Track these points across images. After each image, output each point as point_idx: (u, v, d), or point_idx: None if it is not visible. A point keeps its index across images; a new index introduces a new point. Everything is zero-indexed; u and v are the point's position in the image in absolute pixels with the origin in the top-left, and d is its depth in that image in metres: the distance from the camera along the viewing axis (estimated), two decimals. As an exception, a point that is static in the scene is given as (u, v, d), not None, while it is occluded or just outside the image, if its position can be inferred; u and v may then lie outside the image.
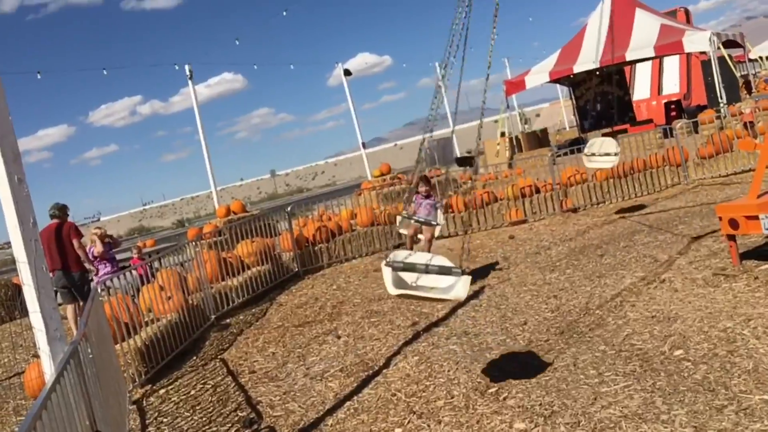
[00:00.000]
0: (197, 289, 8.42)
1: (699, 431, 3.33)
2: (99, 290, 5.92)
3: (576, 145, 17.66)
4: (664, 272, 6.36)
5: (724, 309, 4.98)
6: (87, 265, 8.41)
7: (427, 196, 7.43)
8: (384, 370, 5.40)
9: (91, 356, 3.72)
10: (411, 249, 6.25)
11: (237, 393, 5.62)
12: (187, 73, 20.53)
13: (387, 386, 5.01)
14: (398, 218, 7.64)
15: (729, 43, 20.04)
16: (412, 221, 7.03)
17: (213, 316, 8.31)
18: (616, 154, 9.11)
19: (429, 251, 6.58)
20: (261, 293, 9.35)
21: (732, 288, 5.42)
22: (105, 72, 20.00)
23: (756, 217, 5.59)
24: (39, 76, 18.36)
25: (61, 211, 8.51)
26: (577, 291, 6.53)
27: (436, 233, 7.47)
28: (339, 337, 6.68)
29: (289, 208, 11.10)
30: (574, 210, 11.64)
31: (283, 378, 5.79)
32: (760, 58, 23.12)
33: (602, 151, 9.19)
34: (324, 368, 5.79)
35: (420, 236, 7.31)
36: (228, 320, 8.37)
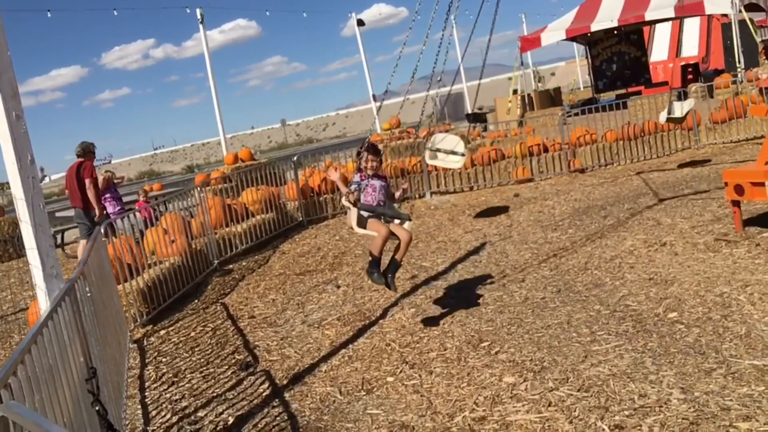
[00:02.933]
0: (201, 234, 8.48)
1: (685, 392, 3.37)
2: (102, 230, 5.96)
3: (589, 104, 17.42)
4: (666, 236, 6.34)
5: (723, 274, 4.97)
6: (94, 205, 8.47)
7: (377, 175, 4.98)
8: (380, 321, 5.46)
9: (89, 294, 3.77)
10: (380, 257, 4.75)
11: (236, 337, 5.72)
12: (198, 17, 20.23)
13: (382, 336, 5.08)
14: (351, 212, 4.87)
15: (751, 6, 19.47)
16: (370, 215, 4.81)
17: (216, 261, 8.38)
18: (462, 155, 7.79)
19: (402, 258, 4.89)
20: (264, 241, 9.41)
21: (732, 254, 5.40)
22: (115, 12, 19.73)
23: (762, 184, 5.53)
24: (49, 14, 18.14)
25: (84, 150, 8.57)
26: (578, 251, 6.53)
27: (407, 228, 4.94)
28: (338, 287, 6.75)
29: (295, 158, 11.08)
30: (582, 170, 11.55)
31: (281, 324, 5.87)
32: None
33: (448, 149, 7.85)
34: (322, 316, 5.86)
35: (361, 230, 4.84)
36: (231, 266, 8.46)
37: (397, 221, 4.95)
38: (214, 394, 4.51)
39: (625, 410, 3.31)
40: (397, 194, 5.19)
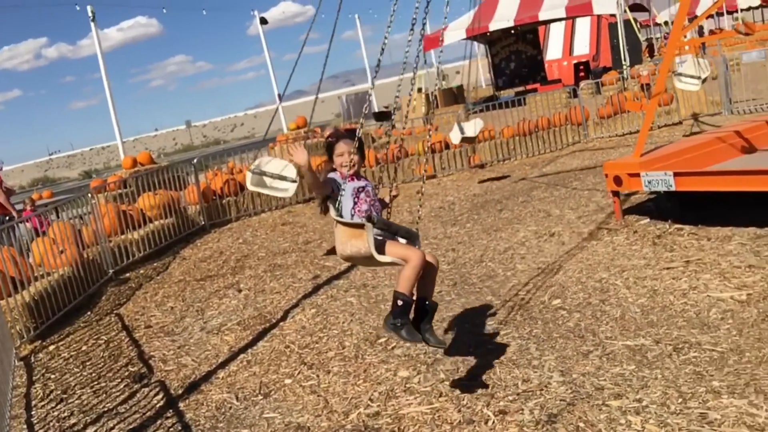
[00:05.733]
0: (94, 242, 8.13)
1: (564, 375, 3.56)
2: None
3: (490, 101, 17.97)
4: (555, 226, 6.65)
5: (603, 261, 5.28)
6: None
7: (358, 174, 3.49)
8: (281, 323, 5.43)
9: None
10: (413, 299, 3.34)
11: (130, 348, 5.53)
12: (90, 14, 19.38)
13: (282, 338, 5.06)
14: (346, 231, 3.24)
15: (636, 7, 20.71)
16: (381, 235, 3.38)
17: (111, 271, 8.07)
18: (294, 181, 6.78)
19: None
20: (164, 247, 9.14)
21: (612, 241, 5.74)
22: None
23: (638, 175, 5.90)
24: None
25: None
26: (474, 244, 6.73)
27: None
28: (240, 291, 6.66)
29: (195, 160, 10.82)
30: (482, 166, 11.92)
31: (179, 332, 5.73)
32: (665, 23, 24.05)
33: (275, 173, 6.82)
34: (222, 322, 5.77)
35: (386, 256, 3.29)
36: (127, 274, 8.16)
37: (402, 240, 3.51)
38: (105, 409, 4.35)
39: (509, 395, 3.45)
40: (389, 201, 3.67)
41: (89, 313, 6.80)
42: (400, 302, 3.28)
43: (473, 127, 10.31)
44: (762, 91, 12.09)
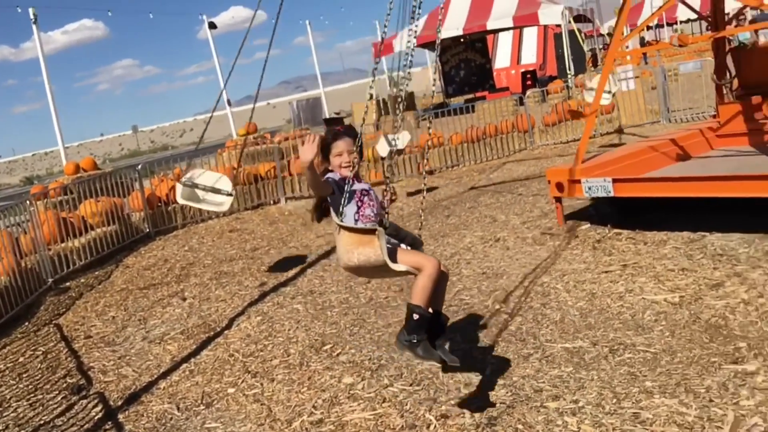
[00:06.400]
0: (33, 250, 7.87)
1: (505, 378, 3.62)
2: None
3: (440, 108, 18.16)
4: (500, 231, 6.76)
5: (545, 265, 5.40)
6: None
7: (356, 177, 3.26)
8: (225, 331, 5.37)
9: None
10: (429, 312, 3.08)
11: (69, 359, 5.37)
12: (32, 16, 18.78)
13: (226, 347, 4.99)
14: (353, 238, 3.02)
15: (580, 18, 21.28)
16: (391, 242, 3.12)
17: (50, 280, 7.81)
18: (229, 194, 6.51)
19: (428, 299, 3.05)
20: (106, 255, 8.89)
21: (555, 246, 5.87)
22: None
23: (578, 181, 6.06)
24: None
25: None
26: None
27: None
28: (184, 299, 6.54)
29: (139, 166, 10.60)
30: (431, 172, 12.02)
31: (120, 342, 5.60)
32: (608, 34, 24.77)
33: (208, 185, 6.45)
34: (164, 331, 5.66)
35: (400, 264, 3.04)
36: (68, 283, 7.91)
37: (404, 246, 3.26)
38: (42, 422, 4.22)
39: (451, 399, 3.50)
40: (387, 205, 3.22)
41: (27, 323, 6.57)
42: (416, 316, 2.98)
43: (401, 139, 10.13)
44: (698, 101, 12.57)
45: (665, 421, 2.97)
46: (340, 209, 3.06)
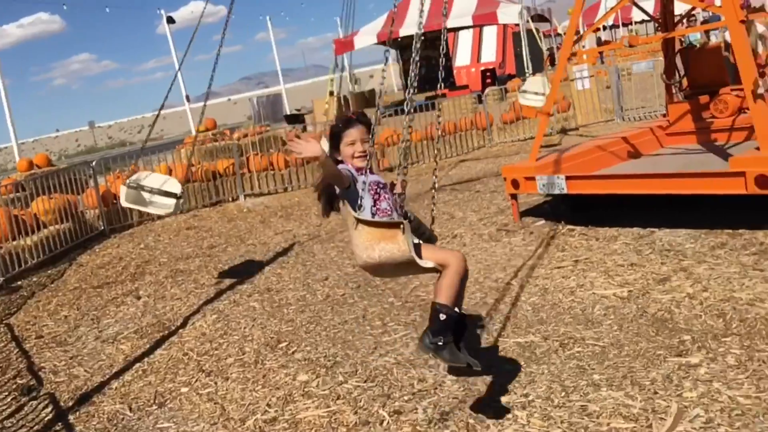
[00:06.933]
0: (-19, 250, 7.64)
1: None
2: None
3: (400, 106, 18.21)
4: (458, 228, 6.83)
5: (500, 261, 5.47)
6: None
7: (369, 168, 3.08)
8: (180, 330, 5.30)
9: None
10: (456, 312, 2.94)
11: (19, 360, 5.25)
12: (-21, 7, 18.22)
13: (180, 346, 4.94)
14: (374, 232, 2.81)
15: (538, 17, 21.57)
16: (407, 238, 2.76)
17: (1, 279, 7.60)
18: (178, 197, 6.22)
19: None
20: (60, 253, 8.70)
21: (510, 242, 5.96)
22: None
23: (533, 178, 6.16)
24: None
25: None
26: (380, 247, 6.80)
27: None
28: (139, 298, 6.44)
29: (94, 163, 10.38)
30: (390, 169, 12.04)
31: (72, 342, 5.49)
32: (565, 33, 25.17)
33: (155, 187, 6.18)
34: (118, 330, 5.57)
35: (427, 260, 2.92)
36: (19, 282, 7.71)
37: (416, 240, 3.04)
38: (-12, 426, 4.11)
39: (405, 396, 3.53)
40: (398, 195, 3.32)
41: (-27, 325, 6.39)
42: (442, 316, 2.81)
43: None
44: (650, 100, 12.87)
45: (611, 413, 3.05)
46: (359, 202, 2.85)
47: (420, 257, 2.82)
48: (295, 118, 25.13)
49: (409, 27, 21.60)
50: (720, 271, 4.45)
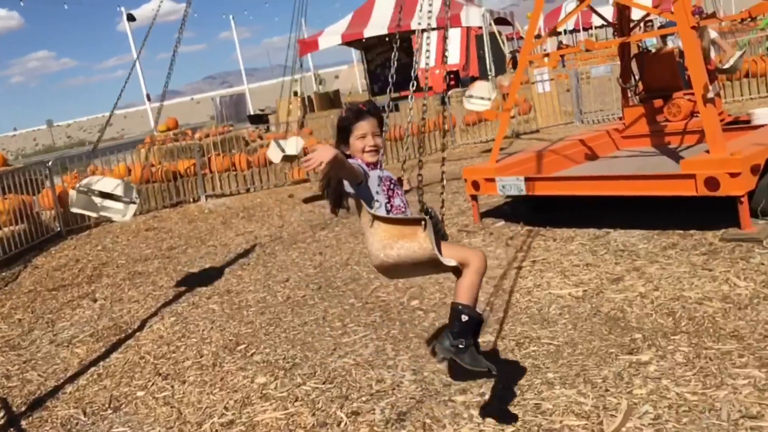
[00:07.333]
0: (-71, 252, 7.42)
1: (416, 373, 3.70)
2: None
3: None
4: (419, 230, 6.86)
5: (459, 263, 5.52)
6: None
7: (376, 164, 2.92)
8: (137, 333, 5.23)
9: None
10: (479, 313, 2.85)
11: (-31, 366, 5.11)
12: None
13: (137, 349, 4.87)
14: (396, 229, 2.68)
15: (500, 21, 21.78)
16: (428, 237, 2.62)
17: (-50, 283, 7.39)
18: (132, 202, 5.96)
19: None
20: (14, 255, 8.48)
21: (470, 243, 6.02)
22: None
23: (493, 180, 6.24)
24: None
25: None
26: (342, 248, 6.81)
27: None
28: (95, 301, 6.33)
29: (50, 162, 10.15)
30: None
31: (26, 346, 5.37)
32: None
33: (106, 190, 5.93)
34: (73, 334, 5.47)
35: (450, 258, 2.74)
36: (-30, 286, 7.51)
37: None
38: (-65, 434, 4.00)
39: (363, 397, 3.54)
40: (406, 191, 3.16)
41: None
42: (464, 318, 2.68)
43: (294, 144, 9.87)
44: (609, 103, 13.13)
45: (564, 411, 3.11)
46: (374, 198, 2.73)
47: (441, 255, 2.67)
48: (259, 119, 24.93)
49: (374, 28, 21.66)
50: (671, 270, 4.57)
